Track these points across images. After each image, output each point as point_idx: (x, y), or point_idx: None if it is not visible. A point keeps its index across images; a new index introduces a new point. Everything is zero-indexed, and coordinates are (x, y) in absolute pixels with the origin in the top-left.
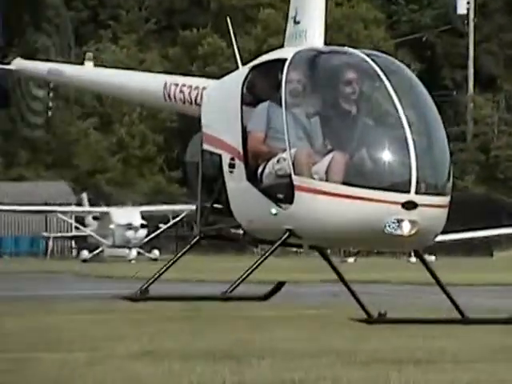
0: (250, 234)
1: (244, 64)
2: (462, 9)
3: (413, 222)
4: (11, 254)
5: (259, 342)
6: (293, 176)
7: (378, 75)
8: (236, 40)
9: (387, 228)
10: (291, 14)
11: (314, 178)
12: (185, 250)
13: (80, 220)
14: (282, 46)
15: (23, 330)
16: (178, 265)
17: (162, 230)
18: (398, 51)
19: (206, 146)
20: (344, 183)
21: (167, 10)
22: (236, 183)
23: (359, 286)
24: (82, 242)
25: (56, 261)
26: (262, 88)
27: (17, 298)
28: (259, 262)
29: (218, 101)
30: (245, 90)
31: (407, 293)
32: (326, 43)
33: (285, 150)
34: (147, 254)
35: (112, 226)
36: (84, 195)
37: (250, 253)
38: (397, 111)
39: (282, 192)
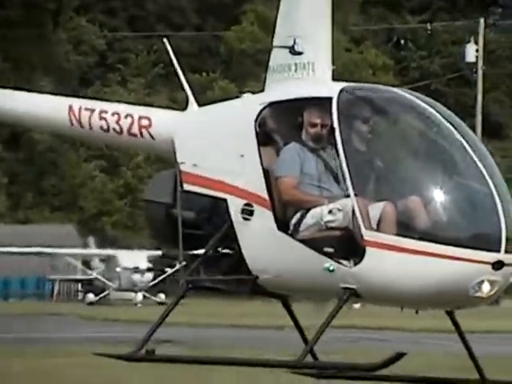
0: (266, 287)
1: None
2: (470, 57)
3: (493, 282)
4: (17, 296)
5: None
6: (362, 230)
7: (441, 120)
8: (183, 72)
9: (471, 289)
10: (283, 42)
11: (389, 233)
12: (174, 302)
13: (86, 263)
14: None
15: (26, 373)
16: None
17: (167, 274)
18: None
19: (189, 187)
20: (426, 239)
21: (176, 54)
22: (257, 232)
23: (369, 332)
24: (88, 284)
25: (62, 303)
26: (288, 128)
27: (21, 340)
28: (325, 325)
29: (210, 137)
30: (261, 128)
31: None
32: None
33: (330, 199)
34: (153, 298)
35: (118, 269)
36: (90, 238)
37: (259, 298)
38: (473, 160)
39: (342, 247)
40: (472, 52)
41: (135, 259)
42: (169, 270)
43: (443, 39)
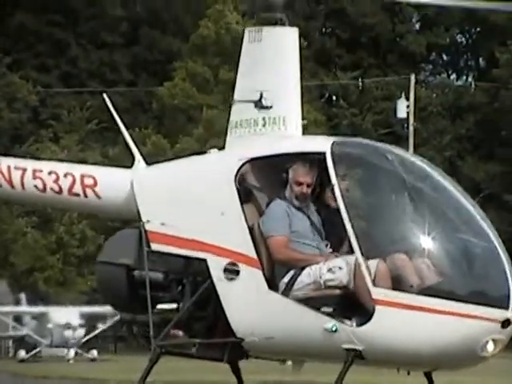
0: (250, 350)
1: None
2: (401, 113)
3: (497, 341)
4: None
5: None
6: (371, 288)
7: (432, 174)
8: (126, 127)
9: (479, 349)
10: (246, 97)
11: (401, 290)
12: (147, 368)
13: (18, 319)
14: (225, 132)
15: None
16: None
17: (100, 330)
18: None
19: (158, 247)
20: (439, 296)
21: (108, 109)
22: (243, 292)
23: None
24: (20, 341)
25: None
26: (273, 184)
27: None
28: None
29: (180, 195)
30: (242, 184)
31: None
32: None
33: (325, 257)
34: (85, 354)
35: (50, 326)
36: (22, 294)
37: None
38: (471, 215)
39: (346, 305)
40: (403, 108)
41: (67, 315)
42: (101, 326)
43: (374, 95)
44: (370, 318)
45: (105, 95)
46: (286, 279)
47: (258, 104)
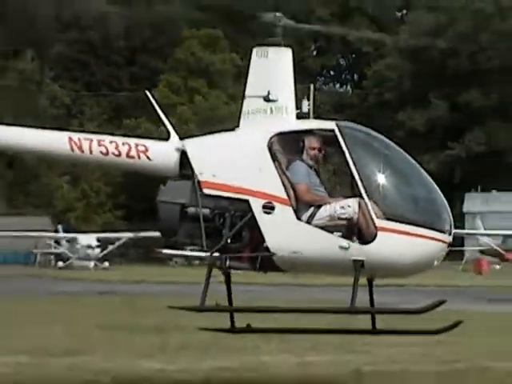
0: (279, 263)
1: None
2: (304, 109)
3: (442, 255)
4: (13, 263)
5: None
6: (375, 219)
7: (393, 145)
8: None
9: (435, 261)
10: (258, 91)
11: (395, 221)
12: (208, 272)
13: (57, 242)
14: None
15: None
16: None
17: (110, 249)
18: None
19: (209, 192)
20: (416, 225)
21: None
22: (277, 221)
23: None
24: (58, 256)
25: (42, 268)
26: (299, 149)
27: (17, 292)
28: (356, 288)
29: (227, 157)
30: (271, 150)
31: None
32: None
33: (334, 199)
34: (100, 265)
35: (78, 246)
36: (59, 226)
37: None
38: (423, 174)
39: (357, 231)
40: (306, 106)
41: (89, 239)
42: (110, 247)
43: None
44: (374, 239)
45: (147, 92)
46: (308, 213)
47: (266, 98)
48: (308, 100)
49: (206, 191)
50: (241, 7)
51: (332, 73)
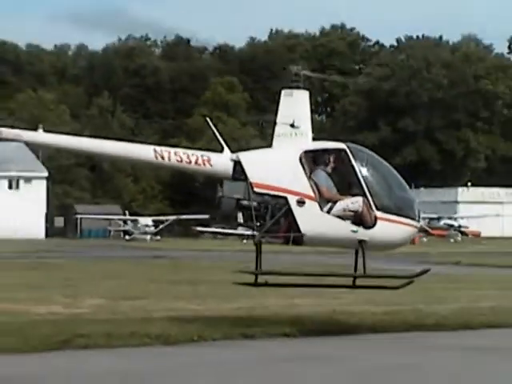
0: (307, 241)
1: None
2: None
3: (413, 237)
4: (93, 236)
5: None
6: (376, 211)
7: (382, 161)
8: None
9: (409, 240)
10: (286, 120)
11: (387, 213)
12: (257, 250)
13: (125, 222)
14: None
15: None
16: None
17: (160, 227)
18: None
19: (259, 190)
20: (401, 216)
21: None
22: (307, 212)
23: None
24: (125, 232)
25: (114, 240)
26: (320, 162)
27: (92, 257)
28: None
29: (271, 166)
30: (301, 162)
31: None
32: None
33: (346, 197)
34: (154, 238)
35: (139, 225)
36: (126, 211)
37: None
38: (401, 180)
39: (362, 219)
40: None
41: (146, 221)
42: (161, 226)
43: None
44: (374, 225)
45: (208, 119)
46: (328, 206)
47: (292, 125)
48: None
49: (256, 190)
50: None
51: (312, 107)
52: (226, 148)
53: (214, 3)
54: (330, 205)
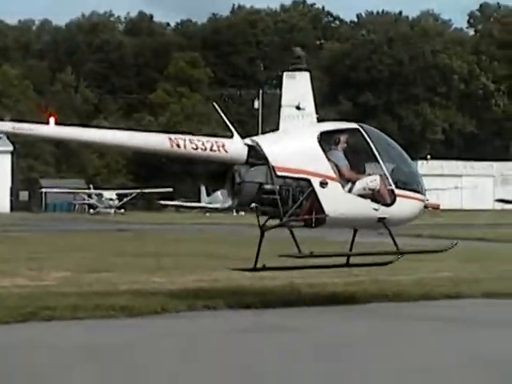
0: (329, 222)
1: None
2: (256, 106)
3: (422, 211)
4: (58, 210)
5: None
6: (395, 189)
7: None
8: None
9: (420, 214)
10: (291, 103)
11: (404, 190)
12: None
13: (89, 196)
14: (277, 122)
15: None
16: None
17: (124, 201)
18: None
19: (281, 174)
20: (415, 191)
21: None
22: (330, 192)
23: None
24: (90, 206)
25: (79, 214)
26: (336, 143)
27: (57, 230)
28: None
29: (291, 149)
30: (320, 143)
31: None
32: None
33: (365, 176)
34: (118, 212)
35: (103, 199)
36: (91, 185)
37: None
38: (409, 158)
39: (382, 197)
40: (256, 104)
41: (110, 194)
42: (125, 199)
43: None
44: (394, 203)
45: (215, 103)
46: (349, 186)
47: (297, 107)
48: (258, 100)
49: (279, 173)
50: None
51: (274, 82)
52: (235, 133)
53: None
54: (350, 185)
